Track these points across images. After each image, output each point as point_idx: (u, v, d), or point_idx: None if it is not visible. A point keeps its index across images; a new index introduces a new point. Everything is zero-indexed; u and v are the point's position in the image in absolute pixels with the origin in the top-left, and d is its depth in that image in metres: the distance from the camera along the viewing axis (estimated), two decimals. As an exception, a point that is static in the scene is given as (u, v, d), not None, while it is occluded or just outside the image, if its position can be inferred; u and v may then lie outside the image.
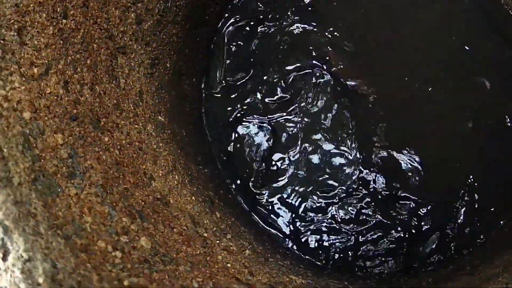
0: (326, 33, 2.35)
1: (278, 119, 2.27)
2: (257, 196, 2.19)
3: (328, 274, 2.04)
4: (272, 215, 2.18)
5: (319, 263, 2.13)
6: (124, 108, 1.66)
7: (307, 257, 2.14)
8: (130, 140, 1.61)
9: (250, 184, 2.21)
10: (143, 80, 1.79)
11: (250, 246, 1.83)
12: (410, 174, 2.23)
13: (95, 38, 1.62)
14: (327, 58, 2.32)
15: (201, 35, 2.22)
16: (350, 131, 2.27)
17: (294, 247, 2.15)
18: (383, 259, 2.15)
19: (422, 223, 2.18)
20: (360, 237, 2.16)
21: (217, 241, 1.65)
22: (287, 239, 2.16)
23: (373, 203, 2.19)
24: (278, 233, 2.16)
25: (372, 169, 2.22)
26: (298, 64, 2.33)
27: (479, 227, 2.21)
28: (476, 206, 2.21)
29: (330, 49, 2.34)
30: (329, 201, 2.20)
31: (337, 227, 2.17)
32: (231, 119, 2.26)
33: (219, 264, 1.50)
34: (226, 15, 2.35)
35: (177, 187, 1.71)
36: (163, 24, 1.91)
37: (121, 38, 1.73)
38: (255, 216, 2.17)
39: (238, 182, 2.21)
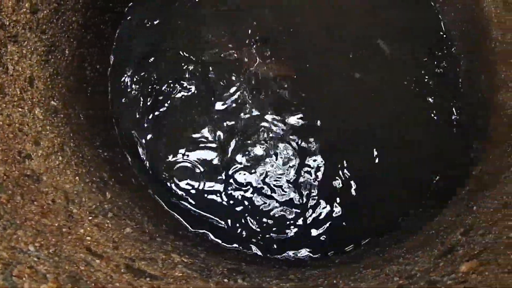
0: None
1: (185, 106, 2.32)
2: (163, 179, 2.24)
3: (229, 257, 2.06)
4: (180, 200, 2.22)
5: (223, 244, 2.16)
6: (8, 92, 1.75)
7: (212, 237, 2.16)
8: (9, 121, 1.70)
9: (157, 168, 2.25)
10: (35, 67, 1.88)
11: (138, 226, 1.88)
12: (317, 156, 2.26)
13: (-19, 27, 1.71)
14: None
15: (105, 21, 2.29)
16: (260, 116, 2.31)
17: (199, 228, 2.18)
18: (288, 241, 2.17)
19: (327, 207, 2.18)
20: (264, 220, 2.18)
21: (90, 218, 1.71)
22: (192, 223, 2.19)
23: (280, 186, 2.22)
24: (183, 216, 2.20)
25: (283, 152, 2.25)
26: (212, 51, 2.38)
27: (395, 209, 2.26)
28: (393, 188, 2.26)
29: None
30: (234, 183, 2.23)
31: (244, 210, 2.20)
32: (140, 103, 2.32)
33: (75, 235, 1.56)
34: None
35: (59, 167, 1.78)
36: (61, 12, 2.00)
37: (13, 27, 1.82)
38: (161, 201, 2.21)
39: (146, 167, 2.26)
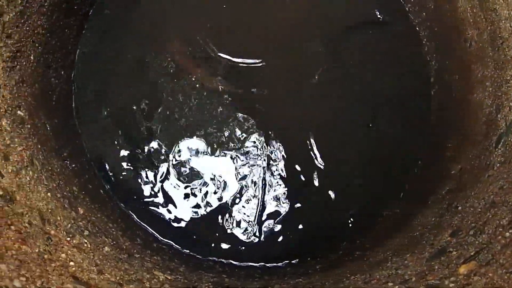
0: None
1: (151, 113, 2.25)
2: (131, 191, 2.16)
3: (208, 268, 2.03)
4: (150, 210, 2.16)
5: (199, 256, 2.12)
6: (-27, 103, 1.61)
7: (186, 250, 2.12)
8: (-24, 135, 1.56)
9: (126, 178, 2.17)
10: (1, 74, 1.74)
11: (114, 243, 1.81)
12: (293, 156, 2.27)
13: None
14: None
15: (70, 25, 2.16)
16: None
17: (173, 241, 2.13)
18: (268, 248, 2.15)
19: (309, 208, 2.19)
20: (235, 228, 2.16)
21: (68, 238, 1.62)
22: (165, 234, 2.14)
23: (256, 194, 2.20)
24: (156, 228, 2.14)
25: (251, 159, 2.23)
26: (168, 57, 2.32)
27: (369, 210, 2.24)
28: (366, 188, 2.25)
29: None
30: (209, 192, 2.20)
31: (220, 219, 2.17)
32: (104, 111, 2.23)
33: (58, 262, 1.47)
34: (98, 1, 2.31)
35: (30, 183, 1.67)
36: (27, 15, 1.86)
37: (-25, 31, 1.68)
38: (131, 212, 2.13)
39: (112, 177, 2.17)
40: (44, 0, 1.94)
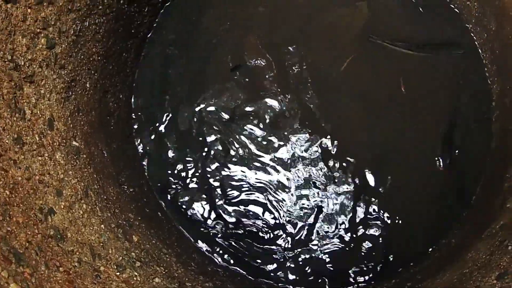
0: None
1: (211, 132, 2.21)
2: (190, 212, 2.17)
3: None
4: (205, 230, 2.16)
5: (252, 278, 2.10)
6: (26, 141, 1.65)
7: (241, 271, 2.11)
8: (29, 175, 1.61)
9: (183, 200, 2.18)
10: (54, 107, 1.78)
11: (166, 271, 1.83)
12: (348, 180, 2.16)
13: (-5, 72, 1.61)
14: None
15: (127, 48, 2.15)
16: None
17: (228, 263, 2.13)
18: (320, 275, 2.11)
19: (364, 238, 2.10)
20: (298, 253, 2.11)
21: (117, 273, 1.66)
22: (220, 255, 2.13)
23: (315, 223, 2.14)
24: (211, 251, 2.14)
25: (316, 182, 2.15)
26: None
27: (426, 237, 2.16)
28: (423, 214, 2.17)
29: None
30: (265, 212, 2.16)
31: (277, 244, 2.13)
32: (163, 130, 2.22)
33: (104, 303, 1.51)
34: (157, 24, 2.28)
35: (83, 216, 1.72)
36: (81, 44, 1.87)
37: (29, 67, 1.71)
38: (187, 233, 2.15)
39: (170, 198, 2.18)
40: (99, 27, 1.93)
